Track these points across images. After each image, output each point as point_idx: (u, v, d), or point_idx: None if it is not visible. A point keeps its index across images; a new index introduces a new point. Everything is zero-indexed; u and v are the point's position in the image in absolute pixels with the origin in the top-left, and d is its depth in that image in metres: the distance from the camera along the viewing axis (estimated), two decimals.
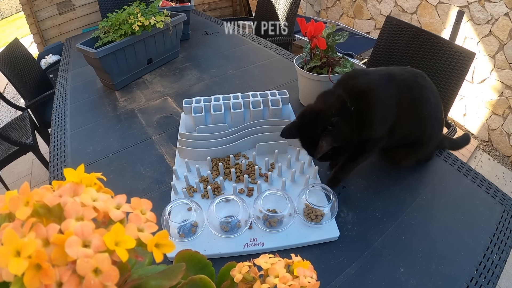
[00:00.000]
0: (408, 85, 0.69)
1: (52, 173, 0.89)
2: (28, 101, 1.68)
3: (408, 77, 0.70)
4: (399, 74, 0.70)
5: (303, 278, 0.30)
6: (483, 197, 0.75)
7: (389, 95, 0.67)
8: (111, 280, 0.20)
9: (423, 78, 0.71)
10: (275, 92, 0.96)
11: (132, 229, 0.23)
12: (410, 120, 0.71)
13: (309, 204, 0.67)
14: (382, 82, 0.68)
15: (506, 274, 1.42)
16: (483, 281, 0.58)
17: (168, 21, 1.28)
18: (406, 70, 0.72)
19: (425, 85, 0.71)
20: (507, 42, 1.91)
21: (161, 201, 0.75)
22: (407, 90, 0.68)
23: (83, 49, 1.14)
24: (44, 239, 0.20)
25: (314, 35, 0.91)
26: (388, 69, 0.72)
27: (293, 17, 1.92)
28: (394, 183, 0.78)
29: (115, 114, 1.12)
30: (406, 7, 2.43)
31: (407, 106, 0.68)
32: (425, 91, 0.70)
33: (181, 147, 0.84)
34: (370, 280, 0.59)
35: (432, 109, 0.72)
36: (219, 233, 0.65)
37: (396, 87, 0.68)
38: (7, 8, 5.76)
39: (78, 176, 0.25)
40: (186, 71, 1.36)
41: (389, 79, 0.68)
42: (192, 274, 0.32)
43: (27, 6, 2.26)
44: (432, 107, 0.71)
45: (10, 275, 0.19)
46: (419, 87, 0.69)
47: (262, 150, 0.85)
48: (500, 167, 2.09)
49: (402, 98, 0.67)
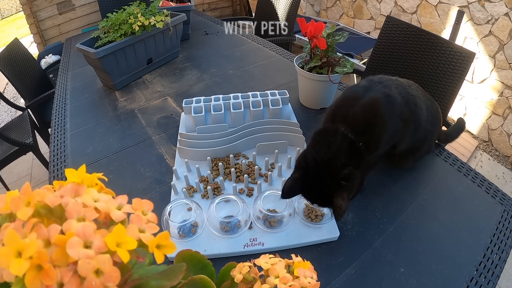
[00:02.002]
0: (404, 98, 0.66)
1: (52, 173, 0.89)
2: (28, 101, 1.68)
3: (401, 91, 0.67)
4: (394, 88, 0.66)
5: (303, 279, 0.30)
6: (483, 197, 0.75)
7: (393, 115, 0.63)
8: (112, 281, 0.20)
9: (411, 88, 0.70)
10: (275, 92, 0.96)
11: (133, 230, 0.23)
12: (410, 132, 0.70)
13: (309, 204, 0.67)
14: (385, 104, 0.62)
15: (506, 274, 1.43)
16: (483, 281, 0.58)
17: (168, 21, 1.28)
18: (397, 83, 0.69)
19: (416, 94, 0.70)
20: (507, 42, 1.91)
21: (161, 201, 0.75)
22: (404, 104, 0.66)
23: (83, 49, 1.14)
24: (45, 239, 0.20)
25: (314, 35, 0.91)
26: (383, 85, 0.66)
27: (293, 17, 1.92)
28: (394, 183, 0.78)
29: (115, 114, 1.12)
30: (406, 7, 2.43)
31: (407, 120, 0.66)
32: (418, 100, 0.69)
33: (181, 147, 0.84)
34: (370, 280, 0.59)
35: (425, 114, 0.71)
36: (219, 233, 0.65)
37: (396, 104, 0.64)
38: (7, 8, 5.76)
39: (80, 177, 0.25)
40: (186, 71, 1.36)
41: (389, 98, 0.63)
42: (192, 274, 0.32)
43: (27, 6, 2.26)
44: (424, 113, 0.71)
45: (11, 275, 0.19)
46: (412, 98, 0.68)
47: (262, 150, 0.85)
48: (500, 167, 2.09)
49: (402, 114, 0.65)
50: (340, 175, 0.56)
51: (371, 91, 0.64)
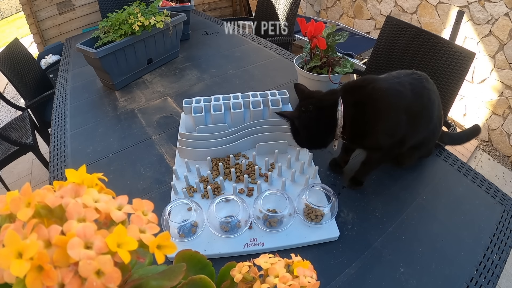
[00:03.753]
0: (418, 92, 0.67)
1: (52, 173, 0.89)
2: (28, 101, 1.68)
3: (417, 85, 0.68)
4: (408, 85, 0.67)
5: (303, 278, 0.30)
6: (483, 197, 0.75)
7: (397, 110, 0.65)
8: (113, 281, 0.20)
9: (428, 81, 0.71)
10: (275, 92, 0.96)
11: (134, 230, 0.23)
12: (421, 127, 0.70)
13: (309, 204, 0.67)
14: (389, 97, 0.66)
15: (506, 274, 1.43)
16: (483, 281, 0.58)
17: (168, 21, 1.28)
18: (413, 76, 0.70)
19: (431, 88, 0.70)
20: (507, 42, 1.91)
21: (161, 201, 0.75)
22: (418, 98, 0.67)
23: (83, 49, 1.14)
24: (46, 240, 0.20)
25: (314, 35, 0.91)
26: (398, 77, 0.69)
27: (293, 17, 1.92)
28: (394, 183, 0.78)
29: (115, 114, 1.12)
30: (406, 7, 2.43)
31: (419, 114, 0.67)
32: (432, 95, 0.70)
33: (181, 147, 0.84)
34: (370, 280, 0.59)
35: (437, 110, 0.72)
36: (219, 233, 0.65)
37: (406, 97, 0.66)
38: (7, 8, 5.76)
39: (80, 177, 0.25)
40: (186, 71, 1.36)
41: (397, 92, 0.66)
42: (192, 274, 0.32)
43: (27, 6, 2.26)
44: (436, 108, 0.71)
45: (12, 276, 0.19)
46: (427, 92, 0.69)
47: (262, 150, 0.85)
48: (500, 167, 2.09)
49: (413, 107, 0.66)
50: (307, 106, 0.68)
51: (385, 82, 0.68)
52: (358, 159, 0.78)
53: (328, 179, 0.80)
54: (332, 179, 0.80)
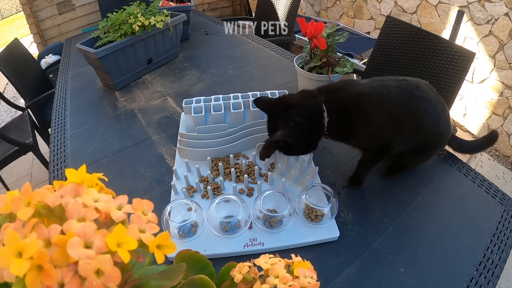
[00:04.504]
0: (404, 99, 0.67)
1: (52, 173, 0.89)
2: (28, 101, 1.68)
3: (405, 91, 0.67)
4: (394, 88, 0.67)
5: (303, 279, 0.30)
6: (483, 197, 0.75)
7: (381, 113, 0.66)
8: (113, 281, 0.20)
9: (419, 89, 0.68)
10: (275, 92, 0.96)
11: (134, 230, 0.23)
12: (410, 133, 0.70)
13: (309, 204, 0.67)
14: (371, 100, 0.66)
15: (506, 274, 1.43)
16: (483, 281, 0.58)
17: (168, 21, 1.28)
18: (401, 82, 0.69)
19: (423, 96, 0.68)
20: (507, 42, 1.91)
21: (161, 201, 0.75)
22: (403, 104, 0.67)
23: (83, 49, 1.14)
24: (45, 240, 0.20)
25: (314, 35, 0.91)
26: (381, 80, 0.69)
27: (293, 17, 1.92)
28: (394, 183, 0.78)
29: (115, 114, 1.12)
30: (406, 7, 2.43)
31: (404, 120, 0.67)
32: (424, 103, 0.68)
33: (181, 147, 0.84)
34: (370, 280, 0.59)
35: (432, 119, 0.69)
36: (219, 233, 0.65)
37: (388, 103, 0.66)
38: (7, 8, 5.76)
39: (80, 177, 0.25)
40: (186, 71, 1.36)
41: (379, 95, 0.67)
42: (192, 274, 0.32)
43: (27, 6, 2.26)
44: (431, 118, 0.69)
45: (11, 276, 0.19)
46: (416, 99, 0.67)
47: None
48: (500, 167, 2.09)
49: (397, 113, 0.66)
50: (293, 119, 0.66)
51: (365, 85, 0.69)
52: (357, 159, 0.77)
53: (328, 179, 0.80)
54: (332, 179, 0.80)
